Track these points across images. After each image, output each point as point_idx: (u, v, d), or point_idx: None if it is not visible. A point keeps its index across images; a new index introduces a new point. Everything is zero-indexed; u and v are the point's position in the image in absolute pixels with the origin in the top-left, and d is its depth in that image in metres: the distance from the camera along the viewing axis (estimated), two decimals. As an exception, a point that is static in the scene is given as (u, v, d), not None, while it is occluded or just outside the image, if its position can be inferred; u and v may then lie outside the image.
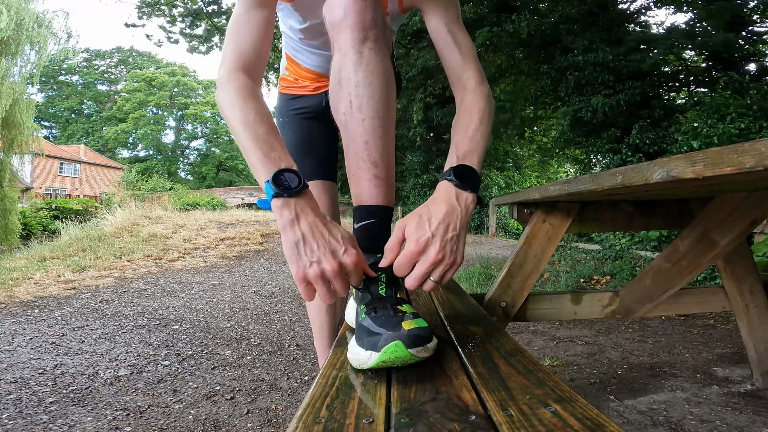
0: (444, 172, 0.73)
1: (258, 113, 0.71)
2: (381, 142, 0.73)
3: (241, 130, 0.69)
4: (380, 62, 0.73)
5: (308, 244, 0.61)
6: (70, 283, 3.91)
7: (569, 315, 1.59)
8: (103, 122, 41.17)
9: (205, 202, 17.62)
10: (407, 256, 0.64)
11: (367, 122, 0.72)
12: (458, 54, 0.87)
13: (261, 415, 1.63)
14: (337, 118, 0.76)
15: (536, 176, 17.44)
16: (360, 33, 0.72)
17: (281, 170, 0.64)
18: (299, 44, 1.14)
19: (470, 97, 0.84)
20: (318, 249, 0.60)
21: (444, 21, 0.89)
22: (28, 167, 21.70)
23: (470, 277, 4.64)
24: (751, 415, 1.49)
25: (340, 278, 0.61)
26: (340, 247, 0.61)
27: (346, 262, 0.61)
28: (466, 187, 0.69)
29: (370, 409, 0.48)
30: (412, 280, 0.64)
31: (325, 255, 0.60)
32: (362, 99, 0.72)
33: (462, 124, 0.80)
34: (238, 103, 0.71)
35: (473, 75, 0.85)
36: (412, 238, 0.64)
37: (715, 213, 1.32)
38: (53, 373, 1.97)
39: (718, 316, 2.94)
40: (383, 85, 0.73)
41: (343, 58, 0.73)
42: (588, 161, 8.03)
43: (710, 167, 0.53)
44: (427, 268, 0.63)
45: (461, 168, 0.72)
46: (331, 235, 0.62)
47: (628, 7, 7.78)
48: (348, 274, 0.63)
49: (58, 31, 13.05)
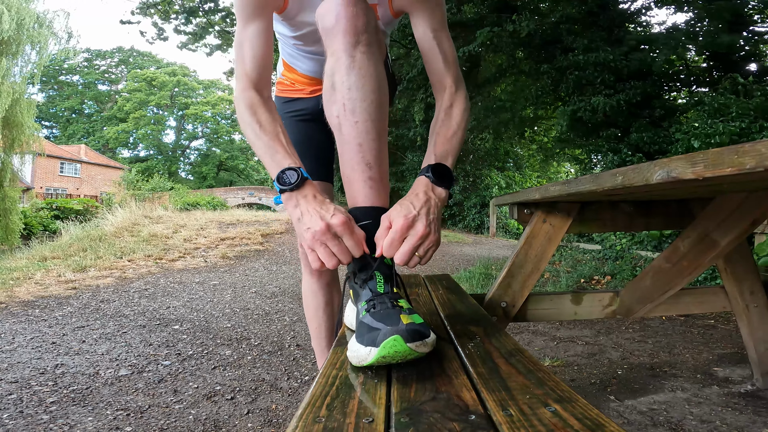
0: (422, 168, 0.80)
1: (262, 125, 0.81)
2: (374, 144, 0.75)
3: (253, 140, 0.81)
4: (372, 66, 0.76)
5: (304, 217, 0.70)
6: (71, 283, 3.91)
7: (569, 315, 1.59)
8: (104, 122, 41.17)
9: (205, 202, 17.64)
10: (398, 232, 0.69)
11: (360, 125, 0.74)
12: (441, 61, 0.92)
13: (261, 415, 1.63)
14: (331, 121, 0.78)
15: (537, 176, 17.42)
16: (352, 38, 0.74)
17: (283, 170, 0.74)
18: (295, 50, 1.15)
19: (449, 101, 0.89)
20: (311, 218, 0.69)
21: (430, 26, 0.92)
22: (29, 167, 21.73)
23: (470, 277, 4.64)
24: (752, 416, 1.48)
25: (332, 239, 0.68)
26: (328, 213, 0.69)
27: (332, 222, 0.68)
28: (441, 184, 0.77)
29: (370, 408, 0.48)
30: (402, 254, 0.69)
31: (315, 220, 0.68)
32: (355, 102, 0.74)
33: (441, 127, 0.86)
34: (247, 119, 0.82)
35: (452, 82, 0.91)
36: (399, 216, 0.70)
37: (715, 213, 1.32)
38: (54, 373, 1.97)
39: (718, 316, 2.94)
40: (375, 89, 0.76)
41: (336, 63, 0.75)
42: (588, 161, 8.03)
43: (710, 168, 0.53)
44: (416, 241, 0.69)
45: (438, 166, 0.78)
46: (322, 207, 0.70)
47: (628, 7, 7.78)
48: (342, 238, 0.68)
49: (58, 31, 13.08)
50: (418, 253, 0.70)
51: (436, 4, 0.93)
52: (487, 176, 14.01)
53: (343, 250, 0.69)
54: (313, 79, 1.23)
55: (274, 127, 0.81)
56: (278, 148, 0.78)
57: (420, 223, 0.69)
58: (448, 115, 0.87)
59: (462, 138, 0.86)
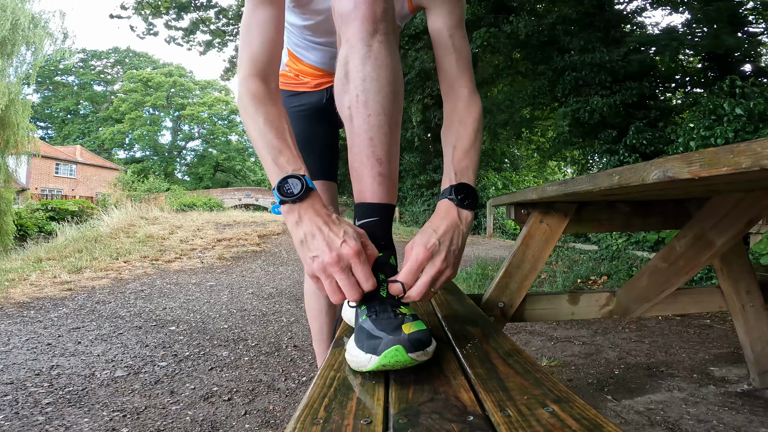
0: (444, 190, 0.75)
1: (268, 119, 0.73)
2: (386, 139, 0.71)
3: (255, 137, 0.72)
4: (389, 57, 0.71)
5: (309, 241, 0.63)
6: (66, 285, 3.89)
7: (566, 315, 1.59)
8: (100, 123, 40.99)
9: (202, 203, 17.57)
10: (417, 263, 0.65)
11: (373, 118, 0.70)
12: (454, 60, 0.87)
13: (259, 416, 1.63)
14: (342, 112, 0.74)
15: (533, 176, 17.48)
16: (370, 25, 0.70)
17: (285, 177, 0.67)
18: (301, 39, 1.12)
19: (463, 107, 0.84)
20: (317, 244, 0.62)
21: (447, 24, 0.88)
22: (24, 168, 21.61)
23: (468, 277, 4.64)
24: (748, 415, 1.49)
25: (341, 272, 0.61)
26: (338, 240, 0.62)
27: (343, 252, 0.61)
28: (466, 206, 0.73)
29: (369, 409, 0.48)
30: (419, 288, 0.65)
31: (323, 248, 0.61)
32: (369, 94, 0.70)
33: (457, 137, 0.81)
34: (251, 112, 0.74)
35: (466, 83, 0.86)
36: (420, 245, 0.66)
37: (711, 213, 1.33)
38: (49, 374, 1.96)
39: (714, 316, 2.96)
40: (391, 81, 0.71)
41: (351, 51, 0.71)
42: (585, 162, 8.05)
43: (706, 167, 0.53)
44: (434, 275, 0.65)
45: (461, 187, 0.75)
46: (331, 230, 0.63)
47: (624, 7, 7.82)
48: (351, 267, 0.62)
49: (54, 32, 12.98)
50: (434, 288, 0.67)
51: (457, 2, 0.89)
52: (484, 177, 14.04)
53: (352, 285, 0.62)
54: (318, 70, 1.19)
55: (281, 123, 0.73)
56: (283, 148, 0.70)
57: (439, 257, 0.66)
58: (463, 123, 0.83)
59: (479, 147, 0.82)
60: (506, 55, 8.10)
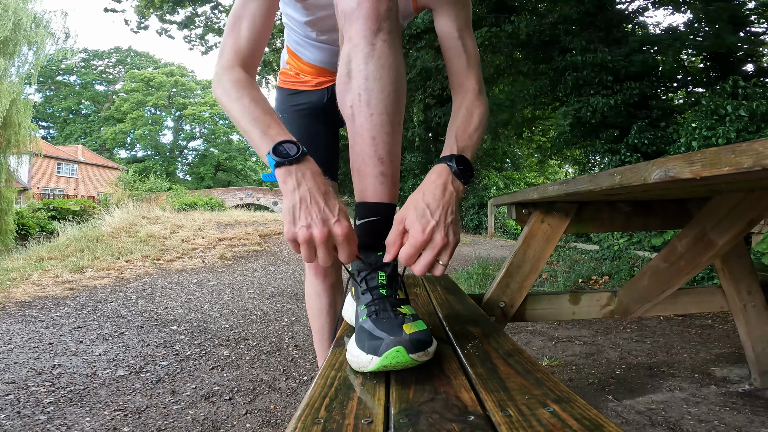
0: (443, 156, 0.75)
1: (253, 99, 0.72)
2: (388, 138, 0.71)
3: (240, 115, 0.71)
4: (392, 56, 0.71)
5: (304, 209, 0.62)
6: (68, 284, 3.89)
7: (567, 315, 1.59)
8: (101, 122, 41.07)
9: (203, 203, 17.59)
10: (415, 246, 0.65)
11: (376, 117, 0.70)
12: (464, 61, 0.88)
13: (260, 415, 1.63)
14: (344, 110, 0.74)
15: (534, 176, 17.46)
16: (373, 24, 0.69)
17: (280, 142, 0.66)
18: (302, 38, 1.11)
19: (470, 102, 0.85)
20: (311, 214, 0.62)
21: (455, 25, 0.89)
22: (26, 167, 21.68)
23: (469, 277, 4.64)
24: (749, 415, 1.49)
25: (325, 246, 0.62)
26: (332, 217, 0.63)
27: (336, 231, 0.62)
28: (462, 177, 0.72)
29: (369, 409, 0.48)
30: (420, 267, 0.65)
31: (316, 221, 0.62)
32: (371, 93, 0.70)
33: (463, 121, 0.82)
34: (234, 93, 0.73)
35: (475, 83, 0.87)
36: (416, 227, 0.65)
37: (712, 213, 1.33)
38: (51, 373, 1.96)
39: (715, 315, 2.95)
40: (394, 80, 0.71)
41: (354, 49, 0.70)
42: (587, 161, 8.04)
43: (708, 167, 0.53)
44: (435, 255, 0.65)
45: (461, 158, 0.74)
46: (327, 204, 0.63)
47: (626, 7, 7.80)
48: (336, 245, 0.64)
49: (56, 31, 13.02)
50: (442, 261, 0.66)
51: (464, 3, 0.89)
52: (485, 176, 14.03)
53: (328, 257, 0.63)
54: (318, 69, 1.18)
55: (266, 105, 0.73)
56: (272, 123, 0.70)
57: (438, 235, 0.64)
58: (470, 113, 0.83)
59: (481, 138, 0.82)
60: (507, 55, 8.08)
